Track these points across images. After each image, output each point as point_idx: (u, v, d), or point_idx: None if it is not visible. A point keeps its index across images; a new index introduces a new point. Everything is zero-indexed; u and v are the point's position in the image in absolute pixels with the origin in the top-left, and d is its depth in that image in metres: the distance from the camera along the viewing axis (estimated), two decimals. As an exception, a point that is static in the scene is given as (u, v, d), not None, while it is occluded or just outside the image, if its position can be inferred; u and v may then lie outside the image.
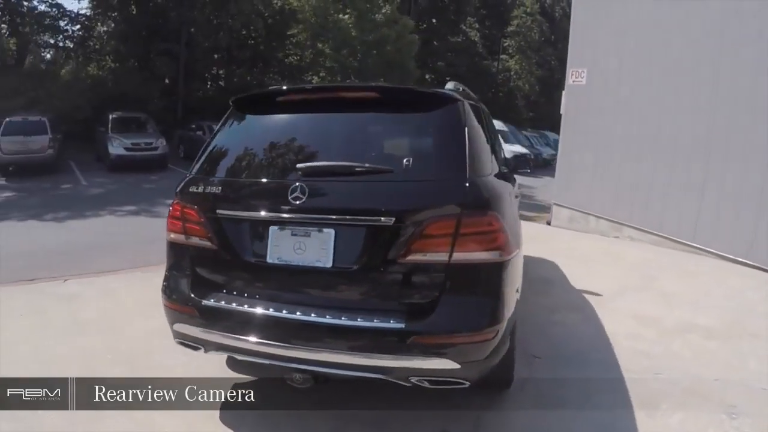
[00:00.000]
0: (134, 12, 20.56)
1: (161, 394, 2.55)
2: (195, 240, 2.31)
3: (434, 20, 30.87)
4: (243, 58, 21.52)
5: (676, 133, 6.07)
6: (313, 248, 2.06)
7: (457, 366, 1.93)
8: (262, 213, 2.15)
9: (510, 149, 20.33)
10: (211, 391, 2.59)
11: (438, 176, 2.06)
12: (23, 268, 5.09)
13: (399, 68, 19.16)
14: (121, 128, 13.38)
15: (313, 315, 2.02)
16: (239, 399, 2.59)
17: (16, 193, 9.93)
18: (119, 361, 3.01)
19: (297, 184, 2.08)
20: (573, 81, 7.63)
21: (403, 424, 2.42)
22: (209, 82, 21.68)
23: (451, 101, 2.26)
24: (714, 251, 5.60)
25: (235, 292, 2.24)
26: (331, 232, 2.05)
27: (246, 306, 2.14)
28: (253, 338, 2.07)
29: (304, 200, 2.05)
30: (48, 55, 22.34)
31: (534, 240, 6.48)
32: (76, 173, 12.54)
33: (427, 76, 29.84)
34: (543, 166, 17.88)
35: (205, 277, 2.31)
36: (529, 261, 5.40)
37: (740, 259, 5.33)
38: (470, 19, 33.53)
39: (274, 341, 2.04)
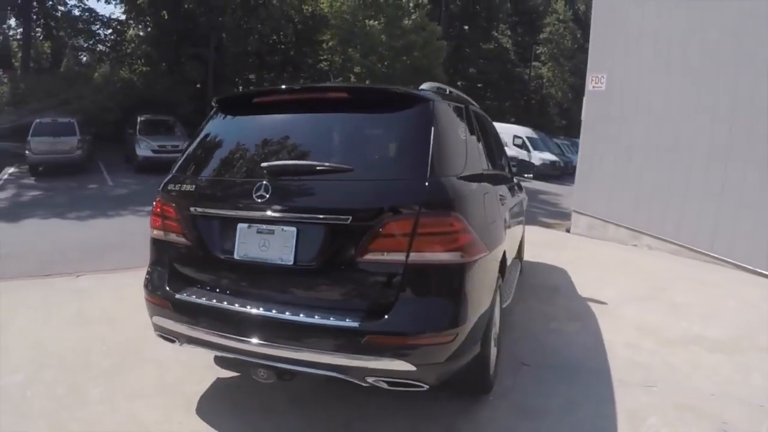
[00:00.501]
0: (165, 17, 21.23)
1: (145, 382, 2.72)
2: (173, 236, 2.39)
3: (466, 27, 30.78)
4: (273, 62, 21.85)
5: (694, 139, 5.86)
6: (276, 245, 2.09)
7: (412, 368, 1.91)
8: (230, 211, 2.20)
9: (539, 156, 20.23)
10: (194, 385, 2.72)
11: (397, 175, 2.05)
12: (41, 263, 5.31)
13: (426, 74, 19.13)
14: (149, 130, 13.76)
15: (274, 311, 2.04)
16: (218, 393, 2.67)
17: (43, 192, 10.34)
18: (112, 353, 3.09)
19: (261, 183, 2.12)
20: (593, 87, 7.51)
21: (375, 424, 2.39)
22: (239, 87, 22.03)
23: (419, 101, 2.23)
24: (732, 261, 5.36)
25: (205, 287, 2.29)
26: (294, 230, 2.08)
27: (213, 300, 2.18)
28: (218, 332, 2.12)
29: (267, 198, 2.09)
30: (84, 58, 23.24)
31: (549, 247, 6.38)
32: (103, 174, 12.98)
33: (459, 83, 29.84)
34: (572, 173, 17.58)
35: (181, 272, 2.38)
36: (538, 268, 5.36)
37: (759, 270, 5.08)
38: (502, 26, 33.31)
39: (237, 336, 2.07)
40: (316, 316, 1.98)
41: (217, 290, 2.26)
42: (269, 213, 2.10)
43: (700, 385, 2.77)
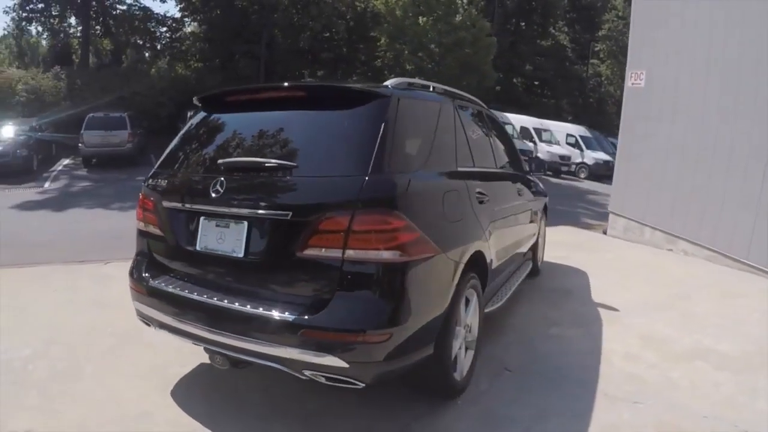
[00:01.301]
0: (218, 14, 22.06)
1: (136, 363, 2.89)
2: (151, 228, 2.54)
3: (522, 23, 29.96)
4: (325, 59, 22.12)
5: (733, 140, 5.40)
6: (230, 238, 2.19)
7: (345, 365, 1.92)
8: (193, 205, 2.31)
9: (592, 156, 19.60)
10: (178, 367, 2.84)
11: (339, 172, 2.06)
12: (76, 250, 5.70)
13: (475, 71, 18.76)
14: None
15: (225, 301, 2.13)
16: (197, 376, 2.79)
17: (93, 183, 11.09)
18: (115, 335, 3.27)
19: (218, 178, 2.22)
20: (632, 83, 7.13)
21: (333, 419, 2.40)
22: (294, 81, 22.47)
23: (374, 98, 2.22)
24: (768, 270, 4.90)
25: (175, 276, 2.43)
26: (245, 224, 2.16)
27: (178, 289, 2.30)
28: (180, 319, 2.24)
29: (221, 194, 2.19)
30: (145, 55, 24.53)
31: (579, 249, 6.14)
32: (153, 166, 13.73)
33: (514, 80, 29.16)
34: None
35: (157, 262, 2.53)
36: (559, 270, 5.16)
37: (800, 283, 4.61)
38: (559, 23, 32.18)
39: (194, 323, 2.18)
40: (260, 308, 2.04)
41: (183, 279, 2.38)
42: (223, 208, 2.19)
43: (693, 406, 2.56)
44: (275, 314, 1.99)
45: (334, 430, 2.32)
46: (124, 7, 22.56)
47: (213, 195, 2.20)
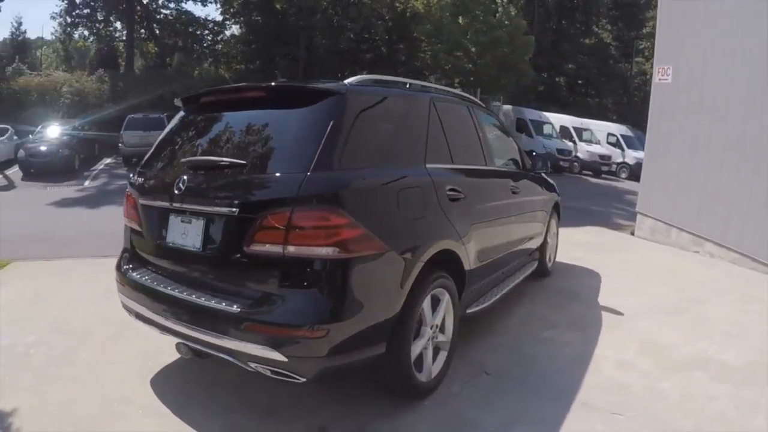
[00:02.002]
0: (258, 18, 22.61)
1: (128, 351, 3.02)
2: (133, 224, 2.67)
3: (564, 22, 29.15)
4: (365, 60, 22.26)
5: (759, 138, 5.02)
6: (191, 234, 2.28)
7: (284, 359, 1.95)
8: (162, 202, 2.42)
9: (633, 155, 18.93)
10: (165, 357, 2.93)
11: (284, 170, 2.10)
12: (103, 245, 5.99)
13: (513, 70, 18.41)
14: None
15: (185, 293, 2.21)
16: (179, 365, 2.87)
17: (131, 181, 11.64)
18: (116, 325, 3.38)
19: (181, 177, 2.31)
20: (659, 79, 6.81)
21: (290, 414, 2.42)
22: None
23: (325, 95, 2.24)
24: (798, 277, 4.53)
25: (149, 268, 2.54)
26: (202, 220, 2.24)
27: (149, 281, 2.41)
28: (149, 309, 2.36)
29: (183, 191, 2.28)
30: (189, 57, 25.36)
31: (600, 250, 5.92)
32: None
33: (557, 79, 28.46)
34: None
35: (137, 255, 2.65)
36: (572, 271, 5.00)
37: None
38: (602, 20, 31.06)
39: (160, 314, 2.29)
40: (213, 300, 2.11)
41: (156, 272, 2.49)
42: (185, 204, 2.29)
43: (677, 421, 2.39)
44: (224, 307, 2.06)
45: (291, 421, 2.35)
46: (168, 12, 23.58)
47: (176, 192, 2.31)
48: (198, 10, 54.18)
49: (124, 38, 24.22)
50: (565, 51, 27.97)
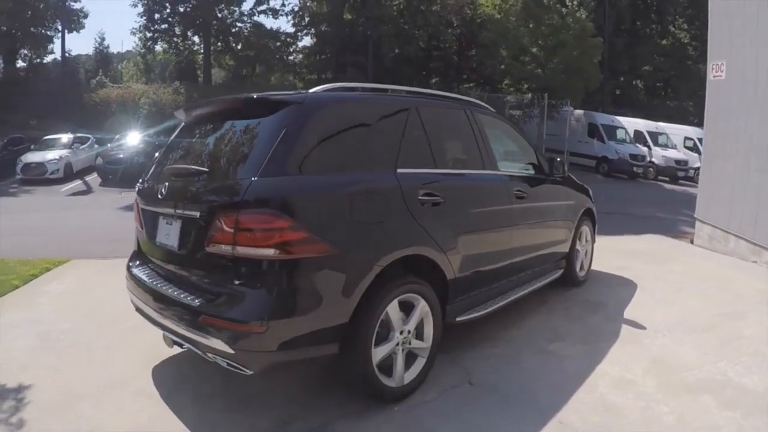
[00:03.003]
0: (327, 28, 23.38)
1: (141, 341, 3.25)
2: (137, 225, 2.94)
3: (638, 23, 27.52)
4: (434, 67, 22.22)
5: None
6: (172, 234, 2.50)
7: (231, 351, 2.08)
8: (151, 206, 2.69)
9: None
10: (168, 349, 3.00)
11: (236, 175, 2.27)
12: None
13: (580, 73, 17.70)
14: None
15: (164, 287, 2.45)
16: (177, 359, 3.05)
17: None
18: (129, 318, 3.48)
19: (164, 183, 2.57)
20: (713, 76, 6.26)
21: (262, 406, 2.53)
22: None
23: (282, 105, 2.37)
24: None
25: (145, 266, 2.80)
26: (179, 222, 2.44)
27: (144, 276, 2.67)
28: (142, 302, 2.61)
29: (164, 196, 2.52)
30: (259, 69, 26.53)
31: (647, 259, 5.54)
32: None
33: (634, 82, 26.98)
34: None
35: (140, 254, 2.93)
36: (607, 281, 4.78)
37: None
38: (678, 20, 28.93)
39: (149, 305, 2.54)
40: (182, 294, 2.32)
41: (149, 269, 2.74)
42: (166, 208, 2.54)
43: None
44: (188, 300, 2.25)
45: (261, 413, 2.46)
46: (243, 25, 24.83)
47: (159, 197, 2.56)
48: (270, 22, 56.81)
49: (202, 51, 25.91)
50: (641, 53, 26.41)
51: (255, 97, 2.50)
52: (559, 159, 4.24)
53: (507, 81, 19.29)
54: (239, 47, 25.35)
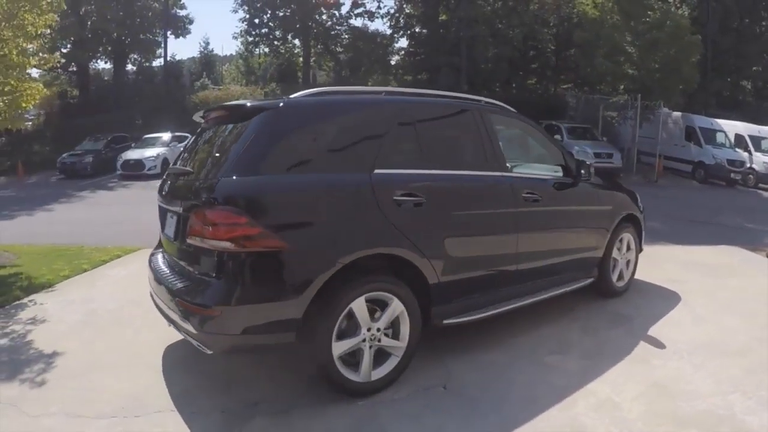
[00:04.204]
0: (421, 30, 23.60)
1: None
2: (159, 220, 3.28)
3: (746, 20, 24.30)
4: (529, 67, 21.65)
5: None
6: (172, 227, 2.83)
7: (194, 331, 2.36)
8: (161, 202, 3.04)
9: None
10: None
11: (209, 176, 2.50)
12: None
13: (676, 73, 16.28)
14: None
15: (163, 274, 2.80)
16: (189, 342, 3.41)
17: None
18: (146, 307, 3.82)
19: (168, 182, 2.95)
20: None
21: (239, 388, 2.77)
22: (494, 91, 22.21)
23: (256, 112, 2.56)
24: None
25: (158, 255, 3.16)
26: (175, 216, 2.78)
27: (154, 264, 3.02)
28: (151, 287, 2.98)
29: (166, 193, 2.92)
30: (364, 70, 26.87)
31: (707, 273, 5.03)
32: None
33: (742, 83, 24.15)
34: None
35: (158, 244, 3.31)
36: (648, 293, 4.49)
37: None
38: None
39: (153, 290, 2.93)
40: (170, 279, 2.67)
41: (161, 258, 3.10)
42: (168, 204, 2.90)
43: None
44: (171, 284, 2.59)
45: (236, 394, 2.70)
46: (341, 28, 25.61)
47: (164, 194, 2.94)
48: (368, 25, 57.74)
49: (301, 54, 27.07)
50: (749, 52, 23.19)
51: (237, 104, 2.74)
52: (588, 162, 3.97)
53: (602, 81, 18.13)
54: (339, 50, 26.11)
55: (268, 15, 24.74)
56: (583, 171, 3.80)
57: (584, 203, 3.87)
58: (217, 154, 2.65)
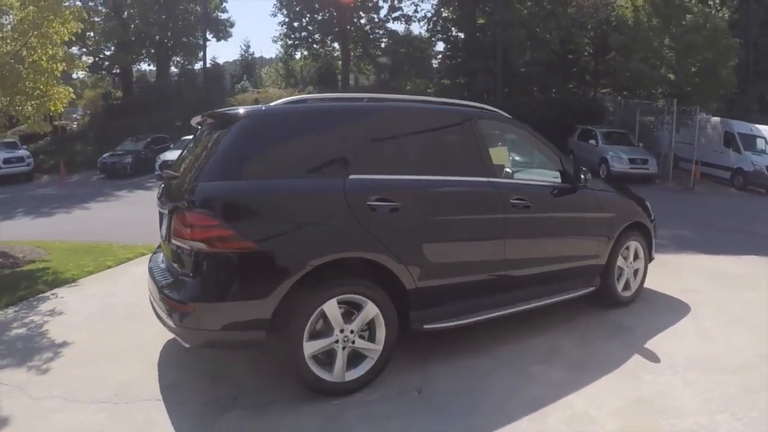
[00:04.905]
0: (457, 34, 23.53)
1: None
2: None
3: None
4: (568, 71, 21.35)
5: None
6: (165, 228, 2.98)
7: (174, 326, 2.52)
8: (158, 204, 3.19)
9: None
10: None
11: (190, 180, 2.64)
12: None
13: (714, 77, 15.64)
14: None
15: (155, 271, 2.99)
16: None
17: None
18: None
19: (162, 185, 3.13)
20: None
21: (223, 382, 2.92)
22: (532, 95, 22.13)
23: (234, 120, 2.70)
24: None
25: (156, 256, 3.35)
26: (166, 218, 2.92)
27: (151, 264, 3.20)
28: (148, 288, 3.12)
29: (160, 195, 3.08)
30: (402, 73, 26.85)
31: (728, 284, 4.81)
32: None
33: None
34: None
35: (159, 245, 3.50)
36: (656, 304, 4.37)
37: None
38: None
39: (150, 291, 3.05)
40: (158, 276, 2.85)
41: (158, 258, 3.27)
42: (161, 207, 3.06)
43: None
44: (159, 282, 2.76)
45: (221, 387, 2.85)
46: (380, 32, 25.74)
47: (158, 196, 3.13)
48: (401, 28, 57.62)
49: (341, 57, 27.24)
50: None
51: (222, 111, 2.89)
52: (584, 168, 3.88)
53: (640, 86, 17.57)
54: (377, 53, 26.32)
55: (307, 18, 25.18)
56: (582, 177, 3.73)
57: (583, 210, 3.78)
58: (201, 159, 2.79)
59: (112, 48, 23.36)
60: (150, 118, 21.33)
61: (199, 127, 3.31)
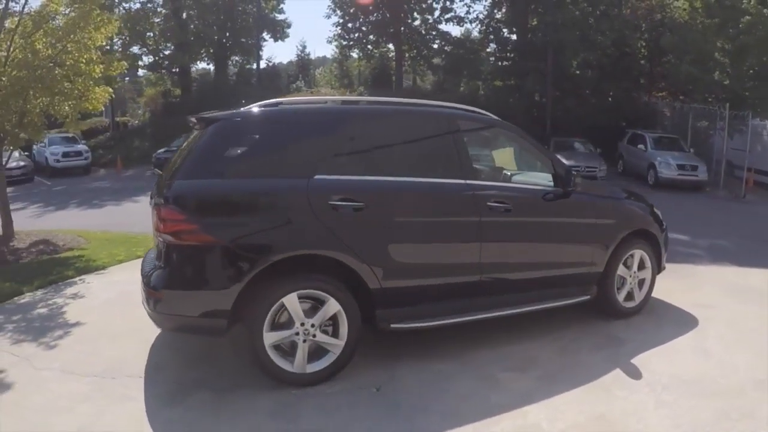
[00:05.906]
0: (509, 35, 23.27)
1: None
2: None
3: None
4: (620, 74, 20.69)
5: None
6: (155, 221, 3.19)
7: (150, 311, 2.81)
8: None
9: None
10: None
11: (170, 178, 2.85)
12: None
13: (763, 79, 14.46)
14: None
15: (144, 265, 3.21)
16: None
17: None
18: None
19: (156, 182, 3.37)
20: None
21: (199, 366, 3.13)
22: (583, 97, 21.43)
23: (213, 122, 2.91)
24: None
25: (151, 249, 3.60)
26: (155, 212, 3.13)
27: (146, 257, 3.46)
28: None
29: (152, 192, 3.28)
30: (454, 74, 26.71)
31: (746, 298, 4.55)
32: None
33: None
34: None
35: None
36: (663, 317, 4.23)
37: None
38: None
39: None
40: (145, 268, 3.08)
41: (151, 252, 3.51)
42: (151, 203, 3.26)
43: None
44: (143, 271, 3.03)
45: (195, 369, 3.08)
46: (434, 33, 25.63)
47: (150, 194, 3.37)
48: (455, 30, 57.24)
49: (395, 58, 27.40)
50: None
51: (204, 114, 3.08)
52: (574, 171, 3.75)
53: (693, 89, 16.53)
54: (431, 54, 26.26)
55: (361, 19, 25.54)
56: (572, 181, 3.62)
57: (574, 215, 3.66)
58: (181, 159, 3.02)
59: (172, 48, 24.57)
60: (206, 116, 22.55)
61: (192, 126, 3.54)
